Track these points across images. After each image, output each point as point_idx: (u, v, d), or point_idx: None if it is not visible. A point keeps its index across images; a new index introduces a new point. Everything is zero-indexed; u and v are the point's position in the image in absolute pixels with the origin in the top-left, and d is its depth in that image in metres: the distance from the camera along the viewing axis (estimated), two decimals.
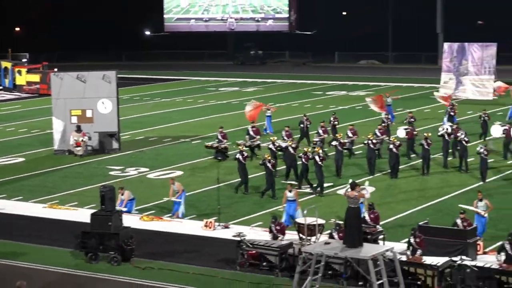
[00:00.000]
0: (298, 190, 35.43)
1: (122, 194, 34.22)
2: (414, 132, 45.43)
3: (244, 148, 40.05)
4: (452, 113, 52.52)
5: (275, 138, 43.95)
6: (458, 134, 42.41)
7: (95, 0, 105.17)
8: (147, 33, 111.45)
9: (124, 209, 33.21)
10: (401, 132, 46.96)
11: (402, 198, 37.07)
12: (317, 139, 44.10)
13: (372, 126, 47.52)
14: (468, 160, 41.64)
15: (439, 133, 44.49)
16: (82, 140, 45.69)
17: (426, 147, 40.91)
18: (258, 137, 46.19)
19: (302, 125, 48.98)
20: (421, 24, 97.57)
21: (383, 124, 47.96)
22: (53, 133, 49.06)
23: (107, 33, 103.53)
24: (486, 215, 30.11)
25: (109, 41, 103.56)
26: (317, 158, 37.59)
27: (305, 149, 39.45)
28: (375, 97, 55.18)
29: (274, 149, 41.70)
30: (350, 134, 45.03)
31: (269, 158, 37.82)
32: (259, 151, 45.29)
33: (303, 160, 38.18)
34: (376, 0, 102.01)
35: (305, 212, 28.77)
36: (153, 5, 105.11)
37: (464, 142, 41.01)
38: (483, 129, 49.51)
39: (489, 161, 40.83)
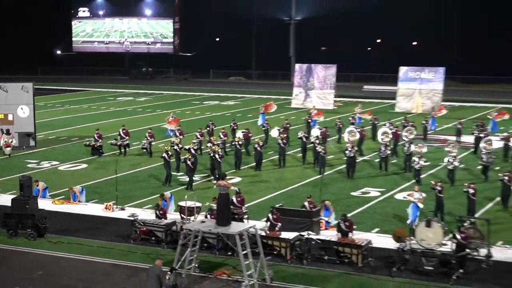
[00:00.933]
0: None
1: (37, 185, 33.82)
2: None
3: (168, 148, 39.15)
4: (309, 120, 52.74)
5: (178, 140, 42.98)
6: (312, 139, 42.52)
7: (16, 24, 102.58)
8: (58, 52, 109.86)
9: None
10: (274, 132, 46.44)
11: (263, 186, 37.32)
12: (219, 141, 43.51)
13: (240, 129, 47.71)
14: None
15: (298, 136, 44.75)
16: (11, 141, 44.83)
17: (259, 149, 40.92)
18: (127, 137, 45.80)
19: (208, 128, 48.53)
20: (278, 49, 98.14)
21: (262, 129, 49.48)
22: None
23: (26, 52, 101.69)
24: (421, 205, 30.21)
25: (28, 58, 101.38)
26: (217, 155, 37.67)
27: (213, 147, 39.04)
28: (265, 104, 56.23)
29: (179, 150, 40.46)
30: (222, 136, 44.89)
31: (189, 156, 37.35)
32: (129, 149, 45.49)
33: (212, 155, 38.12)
34: (242, 28, 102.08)
35: (186, 197, 28.86)
36: (63, 30, 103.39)
37: (318, 146, 40.47)
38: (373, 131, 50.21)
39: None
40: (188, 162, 36.72)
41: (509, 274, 24.82)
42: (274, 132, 46.60)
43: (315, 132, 47.16)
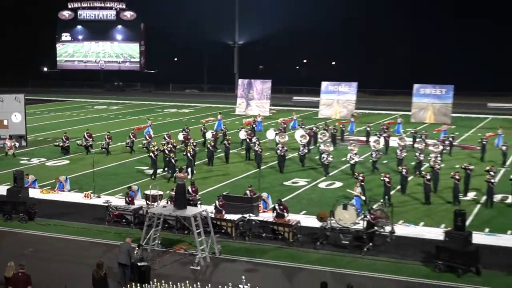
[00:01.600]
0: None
1: (28, 178, 33.36)
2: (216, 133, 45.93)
3: (155, 148, 38.03)
4: (254, 125, 52.66)
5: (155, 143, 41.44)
6: (254, 140, 42.29)
7: (9, 46, 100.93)
8: (45, 69, 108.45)
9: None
10: (242, 134, 45.85)
11: (214, 178, 37.14)
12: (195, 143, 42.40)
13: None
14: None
15: (241, 138, 44.88)
16: (14, 145, 43.96)
17: (211, 148, 40.62)
18: (91, 139, 44.94)
19: (203, 132, 47.68)
20: (224, 67, 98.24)
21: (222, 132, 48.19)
22: None
23: (19, 68, 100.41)
24: (363, 197, 30.07)
25: (20, 73, 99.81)
26: (189, 154, 37.11)
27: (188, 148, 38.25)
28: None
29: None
30: (166, 137, 44.01)
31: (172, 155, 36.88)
32: (92, 149, 44.31)
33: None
34: (196, 50, 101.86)
35: (150, 186, 28.73)
36: (49, 51, 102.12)
37: (257, 145, 40.14)
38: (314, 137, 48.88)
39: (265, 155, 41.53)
40: (172, 160, 36.41)
41: (408, 246, 25.18)
42: (208, 135, 46.43)
43: (270, 133, 47.33)
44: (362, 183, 31.40)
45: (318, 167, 39.45)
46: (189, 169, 36.21)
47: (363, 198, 30.10)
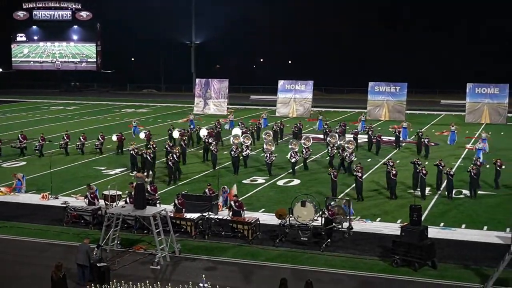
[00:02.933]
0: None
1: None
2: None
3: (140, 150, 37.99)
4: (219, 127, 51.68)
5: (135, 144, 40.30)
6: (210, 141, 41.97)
7: None
8: (0, 70, 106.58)
9: None
10: (175, 134, 45.77)
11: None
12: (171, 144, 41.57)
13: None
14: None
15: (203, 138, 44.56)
16: None
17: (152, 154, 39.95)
18: (25, 141, 44.22)
19: (170, 132, 46.97)
20: (181, 67, 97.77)
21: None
22: None
23: None
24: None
25: None
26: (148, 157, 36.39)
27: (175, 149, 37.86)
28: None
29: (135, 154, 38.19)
30: (81, 139, 44.30)
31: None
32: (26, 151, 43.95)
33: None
34: (153, 50, 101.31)
35: (109, 186, 28.41)
36: (3, 51, 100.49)
37: (213, 144, 39.93)
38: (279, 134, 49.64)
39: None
40: (148, 157, 36.24)
41: (365, 241, 25.38)
42: (175, 134, 46.19)
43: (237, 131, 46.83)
44: (361, 179, 31.85)
45: (275, 166, 39.46)
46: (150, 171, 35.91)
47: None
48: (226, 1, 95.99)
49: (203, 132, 45.48)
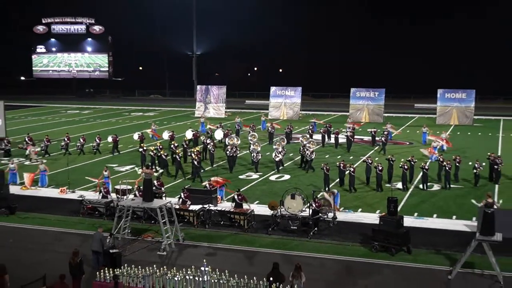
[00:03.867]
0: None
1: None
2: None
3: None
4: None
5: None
6: (208, 141, 41.65)
7: None
8: (22, 78, 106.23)
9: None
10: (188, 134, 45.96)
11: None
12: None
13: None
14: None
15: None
16: (37, 150, 41.82)
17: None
18: (31, 142, 43.85)
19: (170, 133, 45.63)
20: (184, 75, 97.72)
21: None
22: None
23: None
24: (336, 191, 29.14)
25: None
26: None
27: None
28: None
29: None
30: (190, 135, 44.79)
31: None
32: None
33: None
34: (158, 60, 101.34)
35: (120, 182, 28.44)
36: (25, 62, 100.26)
37: (210, 144, 39.84)
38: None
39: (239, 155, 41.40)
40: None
41: (348, 229, 25.47)
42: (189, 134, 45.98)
43: (218, 134, 46.67)
44: (354, 174, 32.16)
45: (269, 164, 39.45)
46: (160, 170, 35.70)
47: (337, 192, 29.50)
48: (223, 17, 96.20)
49: (219, 134, 45.70)
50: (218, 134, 46.73)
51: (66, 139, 44.43)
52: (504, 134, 52.83)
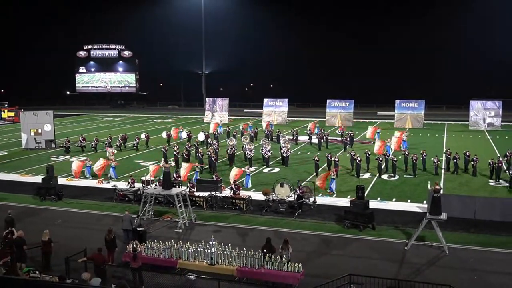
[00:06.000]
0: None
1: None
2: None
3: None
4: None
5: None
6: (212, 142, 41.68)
7: (42, 77, 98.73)
8: (68, 92, 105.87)
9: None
10: (200, 136, 45.59)
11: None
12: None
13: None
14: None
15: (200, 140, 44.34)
16: (114, 151, 39.40)
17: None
18: (84, 141, 44.05)
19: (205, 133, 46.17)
20: (196, 89, 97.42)
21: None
22: (22, 139, 45.94)
23: (47, 91, 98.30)
24: (334, 176, 29.25)
25: (48, 95, 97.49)
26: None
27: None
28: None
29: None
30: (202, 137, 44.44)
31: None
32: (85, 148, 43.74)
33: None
34: (174, 77, 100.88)
35: (145, 174, 28.29)
36: (70, 79, 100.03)
37: (214, 142, 39.78)
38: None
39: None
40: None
41: (325, 211, 25.44)
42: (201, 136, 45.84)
43: (200, 136, 45.78)
44: (317, 161, 32.74)
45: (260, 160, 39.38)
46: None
47: (334, 176, 29.37)
48: (226, 46, 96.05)
49: (201, 136, 45.15)
50: (200, 136, 45.83)
51: (108, 138, 44.84)
52: (448, 135, 52.86)
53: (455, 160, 33.40)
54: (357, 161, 32.52)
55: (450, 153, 34.32)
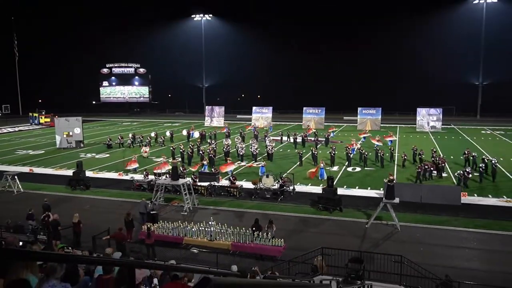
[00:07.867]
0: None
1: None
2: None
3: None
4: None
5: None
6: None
7: (70, 89, 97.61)
8: (93, 102, 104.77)
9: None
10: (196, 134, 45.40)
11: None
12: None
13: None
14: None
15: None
16: (148, 151, 38.97)
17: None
18: (122, 140, 43.82)
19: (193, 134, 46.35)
20: (197, 99, 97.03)
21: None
22: (56, 140, 45.27)
23: (77, 101, 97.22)
24: (323, 165, 29.31)
25: (76, 105, 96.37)
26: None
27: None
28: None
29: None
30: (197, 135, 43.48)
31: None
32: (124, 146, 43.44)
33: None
34: (179, 89, 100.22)
35: (157, 167, 28.08)
36: (95, 91, 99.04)
37: (210, 141, 39.58)
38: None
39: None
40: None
41: (303, 197, 25.42)
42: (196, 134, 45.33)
43: (196, 134, 45.85)
44: (301, 154, 33.09)
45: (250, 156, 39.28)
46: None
47: (322, 165, 29.52)
48: (222, 62, 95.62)
49: (196, 134, 45.16)
50: (196, 134, 45.96)
51: (131, 137, 45.24)
52: (400, 136, 53.18)
53: (419, 156, 33.49)
54: (332, 153, 32.95)
55: (416, 148, 34.62)
